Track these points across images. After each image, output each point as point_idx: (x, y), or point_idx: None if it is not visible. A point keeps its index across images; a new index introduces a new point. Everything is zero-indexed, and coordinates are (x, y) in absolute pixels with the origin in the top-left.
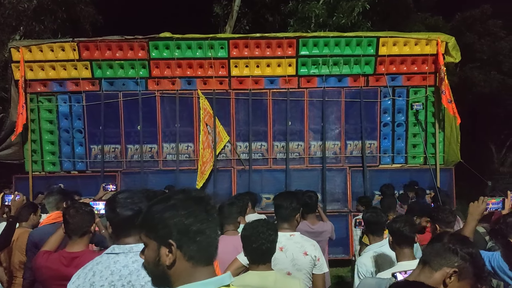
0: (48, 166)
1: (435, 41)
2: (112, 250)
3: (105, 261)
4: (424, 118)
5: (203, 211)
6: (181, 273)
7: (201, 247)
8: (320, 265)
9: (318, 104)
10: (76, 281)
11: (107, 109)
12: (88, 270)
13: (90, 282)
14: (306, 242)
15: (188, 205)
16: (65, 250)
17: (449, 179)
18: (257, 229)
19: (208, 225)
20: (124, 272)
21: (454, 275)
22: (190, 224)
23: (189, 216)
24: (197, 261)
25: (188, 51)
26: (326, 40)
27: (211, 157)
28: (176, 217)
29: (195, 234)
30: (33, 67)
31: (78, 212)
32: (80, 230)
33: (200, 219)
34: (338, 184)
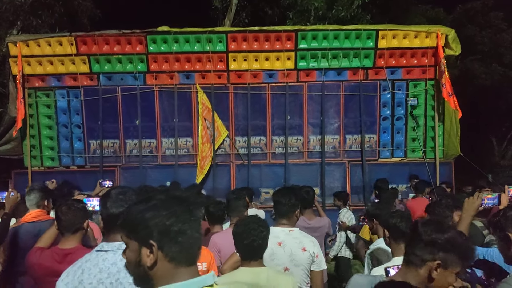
0: (47, 161)
1: (434, 34)
2: (101, 247)
3: (94, 259)
4: (424, 111)
5: (185, 211)
6: (162, 274)
7: (183, 247)
8: (318, 261)
9: (317, 98)
10: (65, 278)
11: (106, 104)
12: (77, 268)
13: (79, 279)
14: (305, 238)
15: (170, 206)
16: (57, 247)
17: (449, 173)
18: (249, 226)
19: (190, 225)
20: (112, 270)
21: (439, 267)
22: (171, 225)
23: (170, 216)
24: (179, 262)
25: (186, 45)
26: (325, 33)
27: (210, 152)
28: (157, 217)
29: (176, 235)
30: (31, 62)
31: (70, 209)
32: (72, 227)
33: (182, 219)
34: (337, 178)
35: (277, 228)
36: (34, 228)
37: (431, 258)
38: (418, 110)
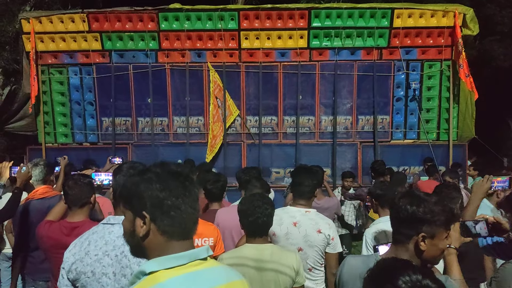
0: (60, 137)
1: (452, 13)
2: (108, 220)
3: (100, 231)
4: (439, 92)
5: (180, 186)
6: (155, 246)
7: (175, 221)
8: (334, 244)
9: (329, 78)
10: (72, 249)
11: (118, 82)
12: (84, 239)
13: (86, 250)
14: (321, 220)
15: (164, 179)
16: (65, 220)
17: (463, 156)
18: (253, 203)
19: (183, 200)
20: (118, 243)
21: (426, 239)
22: (164, 198)
23: (163, 190)
24: (171, 235)
25: (198, 23)
26: (339, 12)
27: (221, 131)
28: (151, 190)
29: (169, 208)
30: (44, 38)
31: (77, 183)
32: (79, 201)
33: (176, 193)
34: (348, 159)
35: (293, 208)
36: (43, 205)
37: (415, 232)
38: (432, 91)
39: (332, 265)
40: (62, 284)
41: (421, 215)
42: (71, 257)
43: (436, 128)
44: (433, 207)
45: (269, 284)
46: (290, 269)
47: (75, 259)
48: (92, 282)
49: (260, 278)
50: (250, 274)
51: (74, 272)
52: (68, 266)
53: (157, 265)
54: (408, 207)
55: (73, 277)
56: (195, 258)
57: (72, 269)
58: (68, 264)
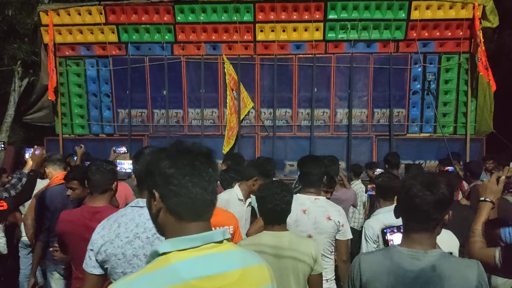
0: (77, 129)
1: (471, 5)
2: (137, 203)
3: (129, 214)
4: (456, 86)
5: (188, 164)
6: (167, 226)
7: (183, 201)
8: (344, 231)
9: (345, 71)
10: (101, 231)
11: (134, 74)
12: (113, 221)
13: (116, 233)
14: (330, 207)
15: (173, 157)
16: (87, 205)
17: (480, 150)
18: (272, 190)
19: (191, 179)
20: (149, 225)
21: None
22: (170, 176)
23: (170, 167)
24: (180, 216)
25: (213, 15)
26: (355, 4)
27: (237, 123)
28: (160, 168)
29: (176, 188)
30: (62, 30)
31: (99, 169)
32: (100, 187)
33: (183, 172)
34: (363, 152)
35: (303, 196)
36: (62, 190)
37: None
38: (450, 84)
39: (343, 252)
40: (89, 265)
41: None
42: (100, 239)
43: (453, 122)
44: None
45: (287, 271)
46: (308, 256)
47: (104, 241)
48: (122, 263)
49: (278, 265)
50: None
51: (104, 254)
52: (97, 248)
53: (170, 246)
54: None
55: (102, 259)
56: (209, 241)
57: (101, 250)
58: (97, 246)
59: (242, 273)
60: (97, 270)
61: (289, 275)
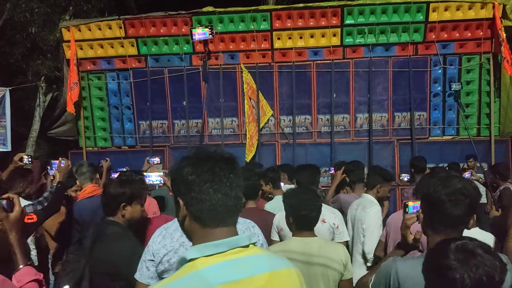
0: (100, 141)
1: (491, 4)
2: None
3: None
4: (478, 87)
5: (208, 171)
6: (193, 232)
7: (205, 208)
8: (339, 233)
9: (364, 75)
10: (162, 241)
11: (154, 85)
12: (173, 231)
13: (180, 242)
14: (326, 210)
15: (193, 164)
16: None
17: (505, 152)
18: (301, 196)
19: (212, 185)
20: None
21: None
22: (192, 183)
23: (192, 174)
24: (204, 222)
25: (230, 25)
26: (372, 8)
27: (256, 131)
28: (182, 176)
29: (198, 194)
30: (83, 46)
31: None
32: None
33: (204, 179)
34: (385, 157)
35: None
36: (92, 203)
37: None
38: (472, 85)
39: None
40: (147, 277)
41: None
42: (162, 249)
43: (476, 123)
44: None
45: (316, 278)
46: (338, 263)
47: (167, 250)
48: None
49: (308, 272)
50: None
51: (167, 264)
52: (160, 258)
53: (197, 252)
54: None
55: (165, 268)
56: (235, 246)
57: (163, 260)
58: (159, 255)
59: (270, 277)
60: (154, 280)
61: (319, 282)
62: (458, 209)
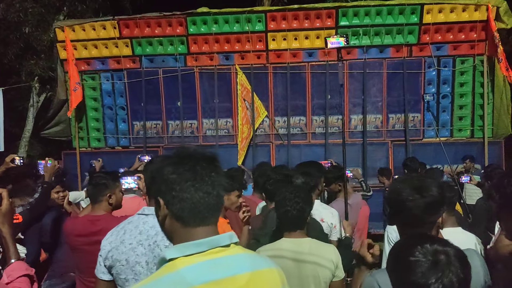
0: (93, 142)
1: (484, 7)
2: (143, 211)
3: (135, 221)
4: (472, 89)
5: (189, 169)
6: (174, 232)
7: (186, 207)
8: (335, 232)
9: (358, 77)
10: (109, 237)
11: (148, 86)
12: (121, 228)
13: (121, 239)
14: (324, 210)
15: (174, 163)
16: (89, 214)
17: (498, 153)
18: (285, 195)
19: (193, 184)
20: (151, 233)
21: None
22: (173, 182)
23: (172, 173)
24: (185, 222)
25: (225, 26)
26: (367, 10)
27: (249, 133)
28: (163, 175)
29: (179, 193)
30: (77, 46)
31: (92, 182)
32: (96, 198)
33: (185, 177)
34: (379, 158)
35: None
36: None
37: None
38: (465, 87)
39: None
40: (99, 271)
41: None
42: (107, 245)
43: (470, 125)
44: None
45: (307, 278)
46: (329, 262)
47: (111, 247)
48: (126, 270)
49: (299, 272)
50: (287, 268)
51: (110, 260)
52: (105, 254)
53: (176, 252)
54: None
55: (109, 264)
56: (216, 245)
57: (108, 256)
58: (105, 251)
59: (251, 276)
60: (106, 276)
61: (310, 283)
62: (415, 209)
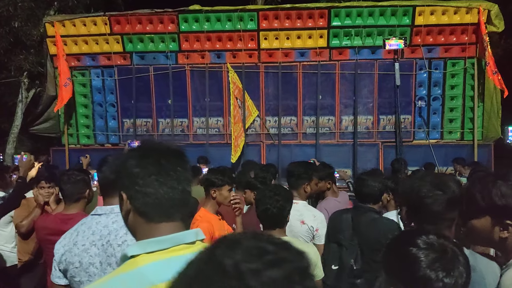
0: (83, 139)
1: (476, 10)
2: (96, 211)
3: (88, 222)
4: (462, 91)
5: (154, 163)
6: (137, 228)
7: (150, 202)
8: (319, 236)
9: (350, 77)
10: (62, 240)
11: (139, 83)
12: (74, 230)
13: (74, 241)
14: (307, 212)
15: (139, 157)
16: (61, 212)
17: (488, 156)
18: (265, 193)
19: (157, 178)
20: (104, 232)
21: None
22: (136, 176)
23: (136, 167)
24: (149, 217)
25: (217, 24)
26: (359, 10)
27: (242, 131)
28: (127, 168)
29: (142, 188)
30: (67, 41)
31: (70, 179)
32: (73, 196)
33: (149, 172)
34: (369, 159)
35: None
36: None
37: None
38: (456, 90)
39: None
40: (55, 276)
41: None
42: (61, 249)
43: (460, 127)
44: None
45: None
46: None
47: (65, 250)
48: (79, 272)
49: None
50: None
51: (64, 263)
52: (59, 258)
53: (138, 248)
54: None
55: (63, 268)
56: (179, 242)
57: (62, 260)
58: (59, 255)
59: None
60: (62, 280)
61: None
62: (437, 205)
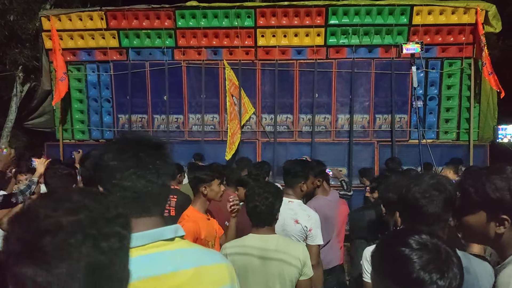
0: (77, 134)
1: (473, 10)
2: None
3: None
4: (459, 92)
5: (132, 156)
6: None
7: (127, 196)
8: (312, 236)
9: (346, 76)
10: None
11: (134, 79)
12: None
13: None
14: (301, 211)
15: (116, 150)
16: None
17: (484, 156)
18: (255, 190)
19: (136, 171)
20: None
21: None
22: (114, 169)
23: (113, 160)
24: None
25: (214, 20)
26: (356, 9)
27: (238, 128)
28: (104, 161)
29: (120, 181)
30: (63, 36)
31: (56, 174)
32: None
33: (127, 165)
34: (365, 158)
35: None
36: None
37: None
38: (452, 90)
39: (313, 256)
40: None
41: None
42: None
43: (456, 128)
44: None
45: (272, 276)
46: (296, 260)
47: None
48: None
49: (264, 269)
50: (253, 265)
51: None
52: None
53: None
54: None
55: None
56: (158, 239)
57: None
58: None
59: (196, 272)
60: None
61: (275, 281)
62: (434, 206)
